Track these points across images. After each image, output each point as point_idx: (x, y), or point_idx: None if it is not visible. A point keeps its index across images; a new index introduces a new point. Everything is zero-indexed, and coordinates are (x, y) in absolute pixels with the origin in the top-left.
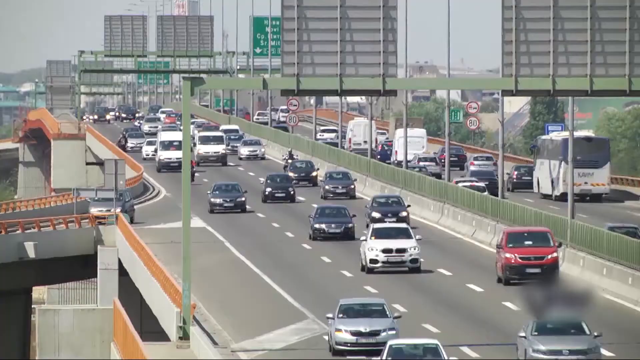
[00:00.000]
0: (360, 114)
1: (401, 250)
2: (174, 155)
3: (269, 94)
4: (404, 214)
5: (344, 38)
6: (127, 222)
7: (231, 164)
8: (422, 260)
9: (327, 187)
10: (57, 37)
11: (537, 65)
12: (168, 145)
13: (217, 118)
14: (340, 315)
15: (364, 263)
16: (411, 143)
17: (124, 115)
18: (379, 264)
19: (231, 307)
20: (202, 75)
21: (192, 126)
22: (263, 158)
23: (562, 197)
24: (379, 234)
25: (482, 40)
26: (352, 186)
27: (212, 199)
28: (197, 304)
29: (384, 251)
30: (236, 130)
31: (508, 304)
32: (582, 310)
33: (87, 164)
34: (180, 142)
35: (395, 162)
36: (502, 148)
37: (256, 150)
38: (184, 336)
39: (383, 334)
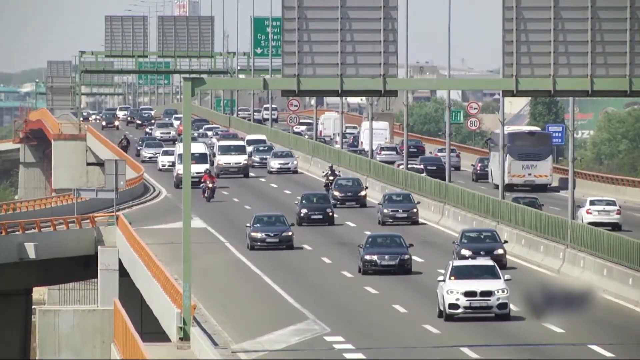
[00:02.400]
0: (360, 114)
1: (487, 294)
2: (193, 169)
3: (269, 94)
4: (500, 251)
5: (345, 38)
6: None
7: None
8: (513, 307)
9: (385, 211)
10: (57, 38)
11: (537, 65)
12: None
13: (217, 119)
14: None
15: (441, 308)
16: (375, 134)
17: (138, 121)
18: (459, 310)
19: (231, 307)
20: (202, 75)
21: (209, 133)
22: (296, 172)
23: (509, 187)
24: (460, 274)
25: (483, 40)
26: (415, 210)
27: (252, 234)
28: (197, 305)
29: (466, 294)
30: (263, 141)
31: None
32: (582, 310)
33: (88, 164)
34: (201, 154)
35: (361, 151)
36: (503, 149)
37: (288, 163)
38: (185, 337)
39: None
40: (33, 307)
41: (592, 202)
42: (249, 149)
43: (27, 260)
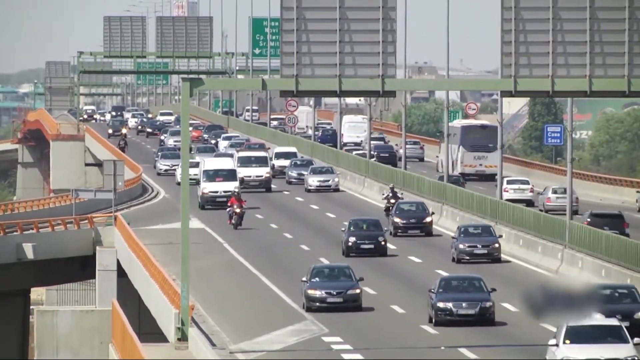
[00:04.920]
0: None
1: None
2: (220, 187)
3: (268, 94)
4: None
5: (343, 39)
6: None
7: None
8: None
9: (461, 246)
10: (56, 38)
11: (536, 66)
12: (213, 176)
13: (216, 119)
14: None
15: None
16: (355, 127)
17: (149, 129)
18: None
19: (229, 308)
20: (201, 76)
21: (227, 142)
22: (337, 189)
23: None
24: (577, 336)
25: (481, 41)
26: (497, 245)
27: (309, 291)
28: (195, 305)
29: None
30: (294, 153)
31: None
32: (581, 310)
33: (86, 164)
34: (229, 171)
35: (342, 143)
36: (502, 149)
37: (328, 180)
38: (182, 337)
39: None
40: (31, 307)
41: (508, 182)
42: (281, 162)
43: (25, 261)
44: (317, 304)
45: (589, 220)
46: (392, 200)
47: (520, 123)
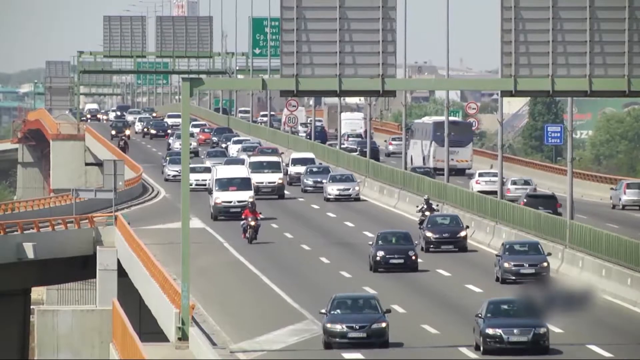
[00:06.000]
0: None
1: None
2: (234, 197)
3: (268, 94)
4: None
5: (343, 38)
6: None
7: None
8: None
9: (506, 265)
10: (56, 38)
11: (536, 65)
12: (226, 184)
13: (216, 119)
14: None
15: None
16: (352, 124)
17: (153, 131)
18: None
19: (230, 307)
20: (201, 75)
21: (239, 146)
22: (358, 198)
23: (434, 171)
24: None
25: (481, 40)
26: (545, 263)
27: (328, 325)
28: (196, 305)
29: None
30: (312, 160)
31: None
32: (581, 310)
33: (86, 164)
34: (243, 179)
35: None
36: (502, 149)
37: (349, 189)
38: (183, 337)
39: None
40: (31, 307)
41: (480, 174)
42: (297, 168)
43: (26, 260)
44: (338, 339)
45: (525, 201)
46: (427, 213)
47: (521, 123)
